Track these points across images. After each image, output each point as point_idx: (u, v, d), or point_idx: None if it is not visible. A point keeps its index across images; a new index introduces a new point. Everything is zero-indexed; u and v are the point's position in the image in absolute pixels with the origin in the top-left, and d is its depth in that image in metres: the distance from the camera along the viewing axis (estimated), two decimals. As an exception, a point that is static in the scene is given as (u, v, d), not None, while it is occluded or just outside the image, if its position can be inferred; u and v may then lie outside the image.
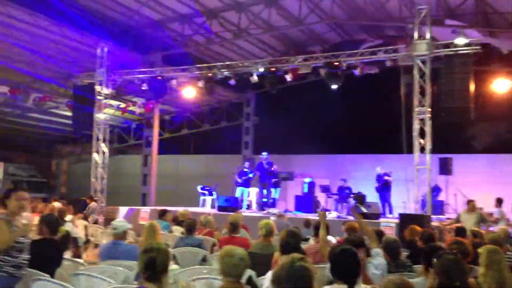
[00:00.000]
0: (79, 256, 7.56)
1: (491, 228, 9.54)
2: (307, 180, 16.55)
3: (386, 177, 14.31)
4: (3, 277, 4.29)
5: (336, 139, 18.60)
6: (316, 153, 19.46)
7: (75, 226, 9.60)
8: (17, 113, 19.84)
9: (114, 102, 18.88)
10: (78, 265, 5.55)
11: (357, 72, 13.52)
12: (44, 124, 21.97)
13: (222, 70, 14.78)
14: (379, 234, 5.90)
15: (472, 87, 11.58)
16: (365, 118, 17.95)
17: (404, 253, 6.27)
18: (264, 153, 15.11)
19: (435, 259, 3.63)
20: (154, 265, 3.33)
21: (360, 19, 15.38)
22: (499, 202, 11.36)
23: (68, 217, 9.39)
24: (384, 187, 14.46)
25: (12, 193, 4.63)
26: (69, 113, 17.84)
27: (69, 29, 14.46)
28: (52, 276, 4.81)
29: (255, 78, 14.55)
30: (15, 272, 4.38)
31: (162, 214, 9.94)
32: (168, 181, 20.88)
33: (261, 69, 14.34)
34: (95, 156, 15.76)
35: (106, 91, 15.92)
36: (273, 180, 15.10)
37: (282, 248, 4.93)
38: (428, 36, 11.84)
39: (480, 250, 4.11)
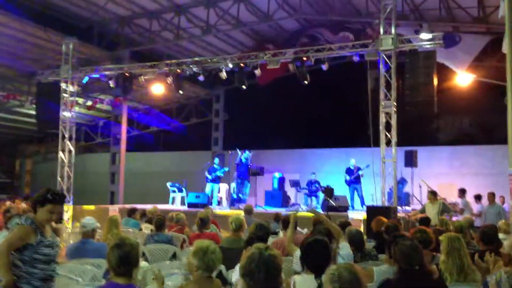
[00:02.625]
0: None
1: (455, 218, 9.87)
2: (277, 175, 16.64)
3: (360, 172, 14.54)
4: None
5: (305, 134, 18.79)
6: (286, 148, 19.60)
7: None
8: (-21, 112, 19.30)
9: (81, 100, 18.55)
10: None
11: (325, 67, 13.63)
12: (7, 123, 21.43)
13: (190, 66, 14.63)
14: (346, 225, 6.01)
15: (435, 81, 11.83)
16: (334, 112, 18.17)
17: (372, 244, 6.42)
18: (247, 152, 15.29)
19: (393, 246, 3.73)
20: (128, 260, 3.27)
21: (328, 14, 15.55)
22: (462, 192, 11.67)
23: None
24: (356, 181, 14.69)
25: (47, 203, 4.05)
26: (33, 112, 17.43)
27: (31, 25, 14.13)
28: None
29: (224, 74, 14.51)
30: (41, 285, 4.00)
31: (131, 212, 9.83)
32: (137, 178, 20.68)
33: (230, 65, 14.28)
34: (61, 155, 15.45)
35: (72, 88, 15.59)
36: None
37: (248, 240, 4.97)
38: (393, 31, 12.04)
39: (441, 237, 4.24)
